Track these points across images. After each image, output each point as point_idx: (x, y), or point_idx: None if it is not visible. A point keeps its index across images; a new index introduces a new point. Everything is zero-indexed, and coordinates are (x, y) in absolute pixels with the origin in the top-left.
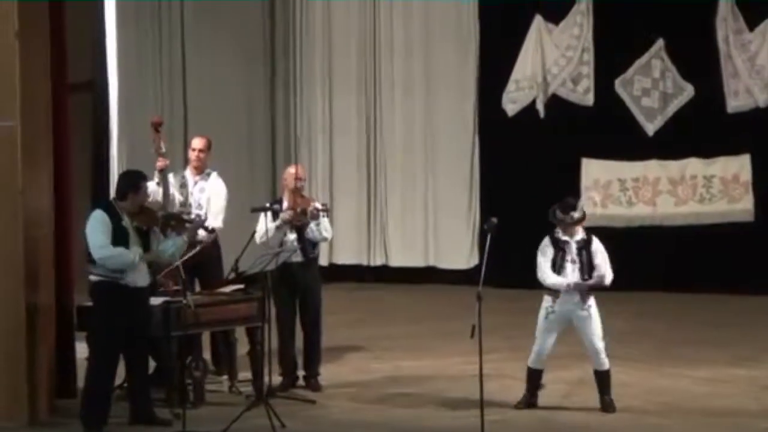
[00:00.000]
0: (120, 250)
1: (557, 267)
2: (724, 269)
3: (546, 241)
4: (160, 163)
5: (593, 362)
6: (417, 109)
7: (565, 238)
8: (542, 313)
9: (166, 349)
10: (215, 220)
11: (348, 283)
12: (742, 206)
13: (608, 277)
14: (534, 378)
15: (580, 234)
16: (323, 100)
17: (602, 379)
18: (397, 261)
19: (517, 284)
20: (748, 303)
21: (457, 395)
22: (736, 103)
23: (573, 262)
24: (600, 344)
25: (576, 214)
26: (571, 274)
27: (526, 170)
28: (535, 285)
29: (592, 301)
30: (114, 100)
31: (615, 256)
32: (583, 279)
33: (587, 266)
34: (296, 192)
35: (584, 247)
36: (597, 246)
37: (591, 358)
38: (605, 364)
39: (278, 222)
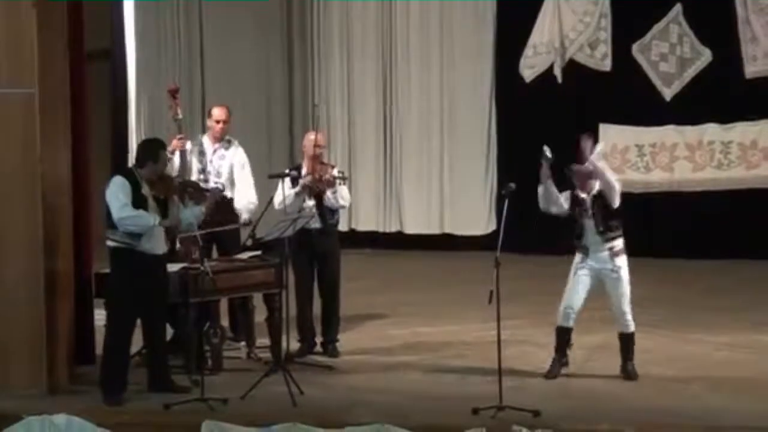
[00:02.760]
0: (140, 211)
1: (577, 224)
2: (741, 235)
3: (565, 194)
4: (177, 143)
5: (618, 324)
6: (434, 76)
7: (582, 195)
8: (572, 269)
9: (184, 315)
10: (251, 193)
11: (365, 250)
12: (760, 172)
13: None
14: (561, 336)
15: (596, 188)
16: (341, 67)
17: (626, 342)
18: (412, 228)
19: (536, 250)
20: (766, 269)
21: (474, 362)
22: (754, 68)
23: (589, 216)
24: (627, 306)
25: (590, 166)
26: (590, 231)
27: (543, 136)
28: (554, 250)
29: (622, 262)
30: (132, 69)
31: (633, 222)
32: (599, 231)
33: (601, 218)
34: (316, 159)
35: (597, 197)
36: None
37: (617, 319)
38: (630, 326)
39: (298, 188)
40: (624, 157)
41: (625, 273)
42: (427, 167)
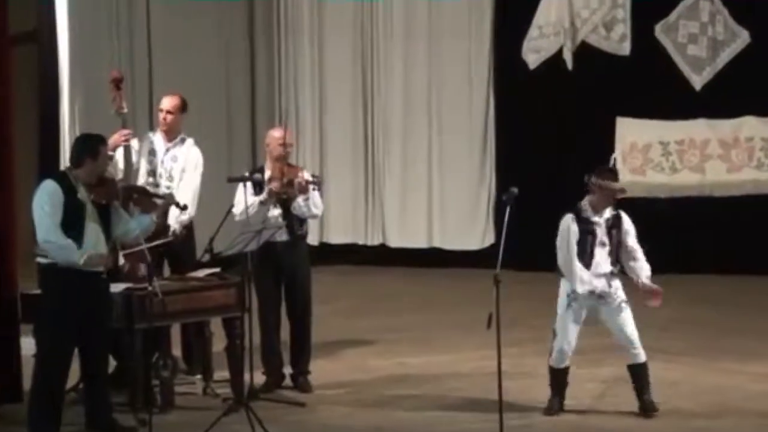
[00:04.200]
0: (67, 243)
1: (585, 254)
2: None
3: (568, 219)
4: (119, 137)
5: (627, 355)
6: (421, 61)
7: (594, 217)
8: (562, 301)
9: (129, 344)
10: (190, 198)
11: (341, 266)
12: None
13: (647, 266)
14: (560, 378)
15: (608, 211)
16: (312, 50)
17: (638, 374)
18: (396, 241)
19: (541, 266)
20: None
21: (471, 396)
22: None
23: (602, 245)
24: (633, 333)
25: (619, 185)
26: (602, 262)
27: (550, 132)
28: None
29: (617, 285)
30: (65, 55)
31: (657, 233)
32: (613, 265)
33: (616, 249)
34: (282, 160)
35: (614, 225)
36: (629, 224)
37: (624, 349)
38: (641, 356)
39: (263, 195)
40: (646, 157)
41: (621, 294)
42: (413, 169)
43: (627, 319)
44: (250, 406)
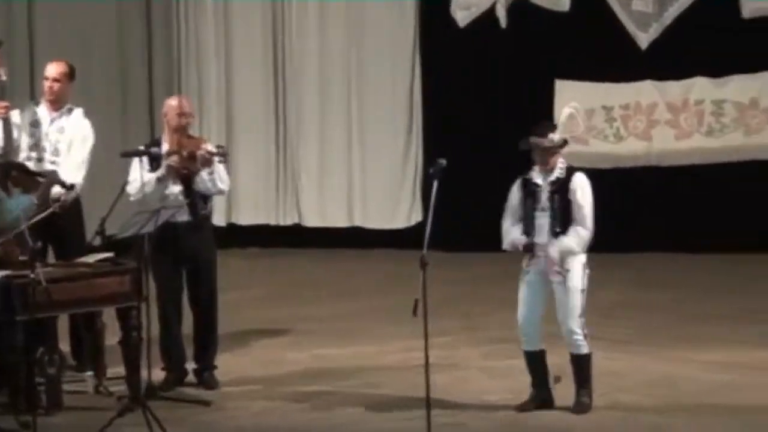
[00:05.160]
0: None
1: (526, 219)
2: (741, 222)
3: (516, 184)
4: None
5: (567, 344)
6: (338, 23)
7: (538, 179)
8: (520, 276)
9: (9, 338)
10: (75, 173)
11: (251, 249)
12: (762, 140)
13: (584, 232)
14: (534, 363)
15: (557, 171)
16: (216, 12)
17: (578, 366)
18: (312, 220)
19: (475, 246)
20: None
21: (396, 392)
22: (754, 4)
23: (543, 210)
24: (574, 321)
25: (556, 137)
26: (544, 228)
27: (482, 98)
28: (495, 246)
29: (575, 264)
30: None
31: (601, 208)
32: (554, 232)
33: (560, 214)
34: (181, 131)
35: (559, 188)
36: (577, 182)
37: (565, 336)
38: (582, 347)
39: (161, 171)
40: (588, 123)
41: (575, 278)
42: (330, 141)
43: (572, 302)
44: (148, 405)
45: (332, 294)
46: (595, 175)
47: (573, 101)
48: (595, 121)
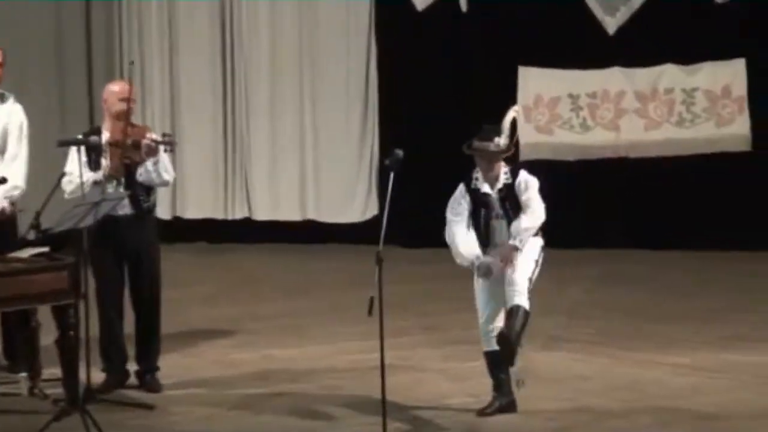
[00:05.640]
0: None
1: (480, 228)
2: (712, 217)
3: (459, 192)
4: None
5: (507, 300)
6: (289, 6)
7: (485, 188)
8: (475, 276)
9: None
10: (10, 167)
11: (197, 244)
12: (735, 131)
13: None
14: (494, 365)
15: (502, 178)
16: None
17: (513, 315)
18: (263, 213)
19: (435, 242)
20: (746, 262)
21: (350, 395)
22: None
23: (498, 217)
24: (521, 280)
25: (502, 141)
26: (502, 234)
27: (441, 85)
28: None
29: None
30: None
31: (565, 202)
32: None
33: (515, 217)
34: (123, 118)
35: (507, 194)
36: (522, 180)
37: (506, 298)
38: (523, 300)
39: (99, 175)
40: (553, 112)
41: (531, 249)
42: (282, 130)
43: (522, 264)
44: (87, 409)
45: (284, 291)
46: (560, 167)
47: (534, 90)
48: (561, 110)
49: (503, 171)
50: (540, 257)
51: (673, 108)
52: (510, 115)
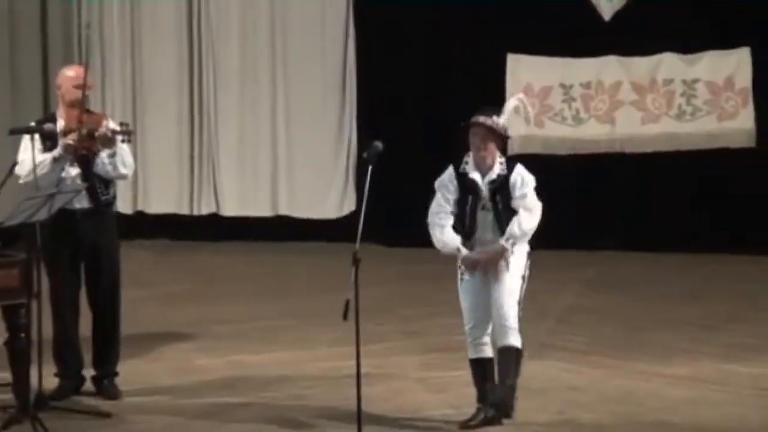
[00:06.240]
0: None
1: (465, 217)
2: (712, 217)
3: (447, 174)
4: None
5: (497, 335)
6: None
7: (474, 175)
8: (460, 276)
9: None
10: None
11: (160, 241)
12: (738, 125)
13: (526, 224)
14: (480, 374)
15: (497, 168)
16: None
17: (505, 358)
18: (231, 209)
19: (415, 240)
20: (748, 266)
21: (322, 404)
22: None
23: (485, 208)
24: (509, 308)
25: (501, 120)
26: (486, 229)
27: (424, 74)
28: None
29: (517, 250)
30: None
31: (558, 200)
32: (500, 228)
33: (504, 213)
34: (79, 105)
35: (499, 186)
36: (517, 176)
37: (495, 328)
38: (514, 338)
39: (57, 151)
40: (544, 103)
41: (517, 263)
42: (253, 121)
43: (509, 286)
44: (38, 416)
45: (253, 293)
46: (552, 162)
47: (524, 79)
48: (552, 101)
49: (498, 161)
50: (527, 271)
51: (672, 100)
52: (512, 102)
